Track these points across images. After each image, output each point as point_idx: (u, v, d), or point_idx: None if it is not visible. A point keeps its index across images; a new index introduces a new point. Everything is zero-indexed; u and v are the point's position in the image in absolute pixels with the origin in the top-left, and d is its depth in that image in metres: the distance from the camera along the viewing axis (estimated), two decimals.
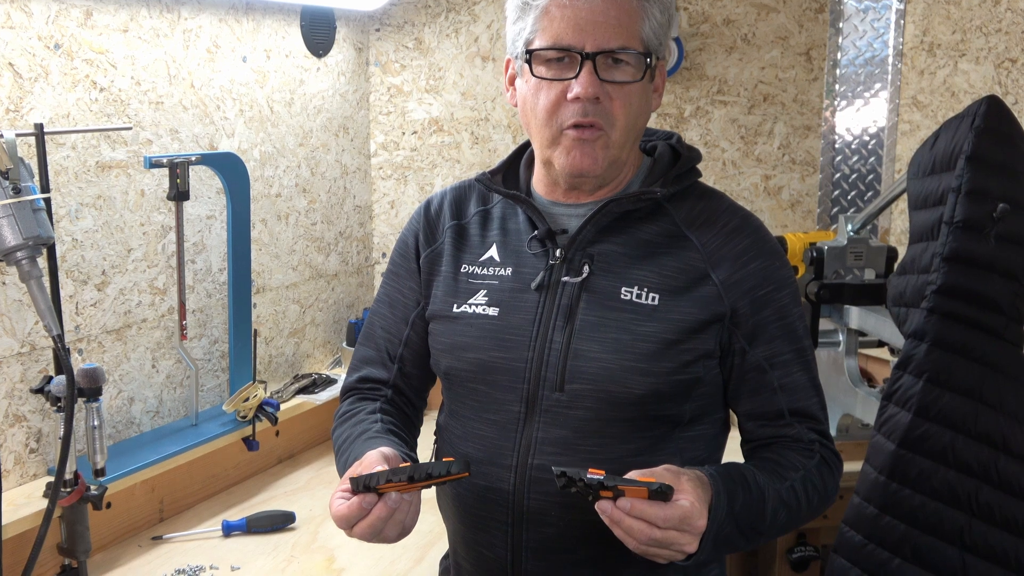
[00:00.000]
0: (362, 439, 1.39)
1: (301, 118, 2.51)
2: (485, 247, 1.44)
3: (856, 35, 2.87)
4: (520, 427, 1.35)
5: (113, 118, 1.95)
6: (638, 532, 1.14)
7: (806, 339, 1.40)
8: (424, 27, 2.75)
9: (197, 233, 2.19)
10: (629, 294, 1.34)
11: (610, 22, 1.28)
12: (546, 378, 1.33)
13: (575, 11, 1.28)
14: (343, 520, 1.21)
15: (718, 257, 1.35)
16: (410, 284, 1.50)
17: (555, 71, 1.31)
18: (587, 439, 1.33)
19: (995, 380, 1.54)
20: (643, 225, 1.38)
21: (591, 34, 1.27)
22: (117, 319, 2.00)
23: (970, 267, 1.55)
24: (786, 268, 1.40)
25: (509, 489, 1.35)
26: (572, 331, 1.33)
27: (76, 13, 1.85)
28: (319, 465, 2.36)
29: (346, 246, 2.76)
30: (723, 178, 2.93)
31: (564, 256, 1.37)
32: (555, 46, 1.29)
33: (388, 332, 1.52)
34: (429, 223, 1.50)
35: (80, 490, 1.71)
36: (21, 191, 1.57)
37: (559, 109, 1.31)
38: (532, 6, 1.31)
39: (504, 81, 1.42)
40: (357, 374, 1.54)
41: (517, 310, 1.37)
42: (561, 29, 1.28)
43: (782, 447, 1.38)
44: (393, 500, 1.20)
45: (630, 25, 1.29)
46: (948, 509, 1.54)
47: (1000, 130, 1.56)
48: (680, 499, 1.16)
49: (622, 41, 1.28)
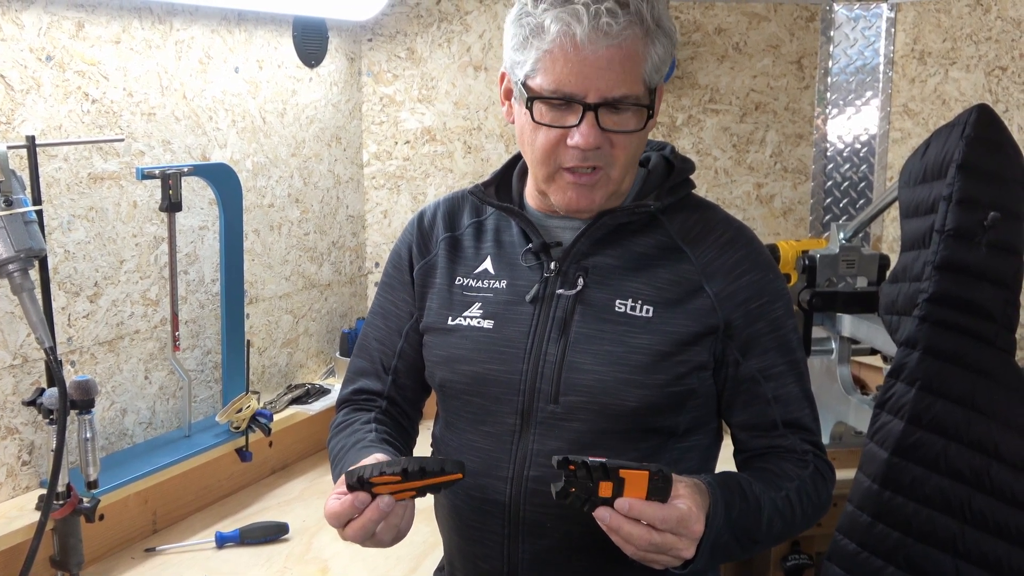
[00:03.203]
0: (356, 448, 1.38)
1: (294, 128, 2.51)
2: (479, 259, 1.44)
3: (847, 43, 2.89)
4: (516, 439, 1.35)
5: (105, 130, 1.95)
6: (637, 538, 1.14)
7: (799, 351, 1.41)
8: (416, 37, 2.76)
9: (190, 244, 2.18)
10: (623, 306, 1.34)
11: (614, 70, 1.24)
12: (541, 390, 1.34)
13: (579, 58, 1.23)
14: (334, 517, 1.20)
15: (712, 269, 1.35)
16: (403, 296, 1.50)
17: (555, 116, 1.28)
18: (582, 451, 1.31)
19: (987, 387, 1.54)
20: (637, 237, 1.38)
21: (594, 83, 1.24)
22: (109, 331, 1.99)
23: (961, 275, 1.55)
24: (779, 280, 1.40)
25: (505, 501, 1.35)
26: (567, 343, 1.33)
27: (68, 25, 1.85)
28: (313, 476, 2.35)
29: (339, 256, 2.76)
30: (715, 186, 2.94)
31: (559, 269, 1.37)
32: (556, 94, 1.25)
33: (382, 344, 1.52)
34: (423, 235, 1.50)
35: (73, 502, 1.70)
36: (13, 203, 1.57)
37: (557, 151, 1.29)
38: (534, 45, 1.26)
39: (499, 93, 1.40)
40: (352, 386, 1.54)
41: (512, 323, 1.37)
42: (563, 76, 1.24)
43: (776, 457, 1.39)
44: (386, 503, 1.19)
45: (633, 71, 1.25)
46: (941, 516, 1.54)
47: (990, 139, 1.57)
48: (678, 502, 1.16)
49: (625, 90, 1.25)
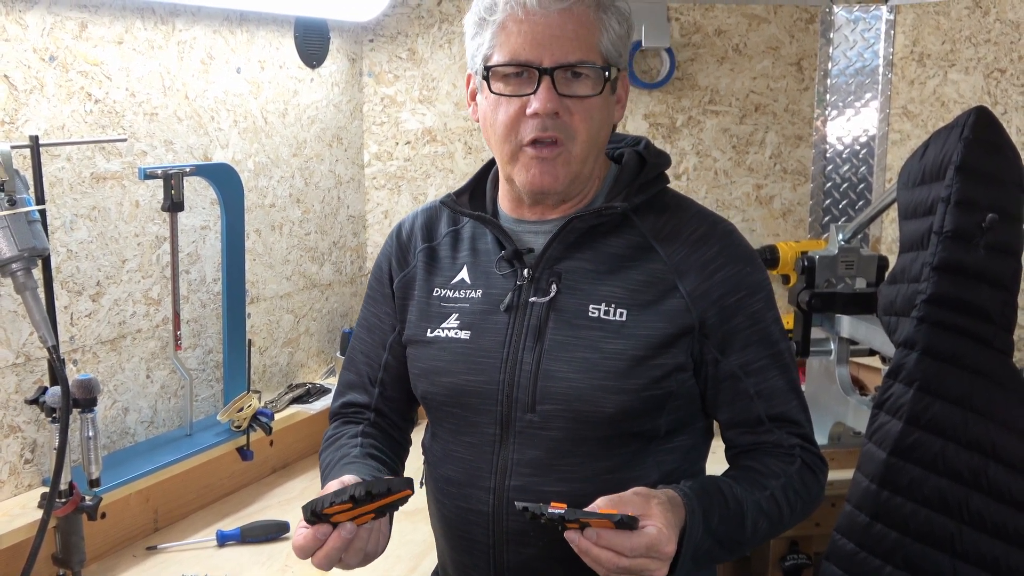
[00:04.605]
0: (341, 464, 1.39)
1: (295, 128, 2.51)
2: (456, 269, 1.43)
3: (847, 45, 2.89)
4: (496, 449, 1.35)
5: (108, 130, 1.96)
6: (606, 561, 1.14)
7: (783, 342, 1.38)
8: (417, 38, 2.77)
9: (191, 244, 2.19)
10: (597, 311, 1.32)
11: (568, 36, 1.26)
12: (518, 399, 1.33)
13: (532, 26, 1.25)
14: (300, 551, 1.21)
15: (684, 267, 1.33)
16: (385, 309, 1.50)
17: (513, 87, 1.29)
18: (562, 459, 1.32)
19: (985, 388, 1.55)
20: (610, 239, 1.36)
21: (548, 49, 1.25)
22: (112, 330, 2.00)
23: (959, 276, 1.56)
24: (758, 273, 1.37)
25: (488, 511, 1.35)
26: (541, 351, 1.32)
27: (71, 25, 1.86)
28: (313, 475, 2.36)
29: (340, 256, 2.77)
30: (715, 187, 2.95)
31: (531, 276, 1.35)
32: (512, 62, 1.27)
33: (368, 357, 1.52)
34: (401, 247, 1.49)
35: (75, 501, 1.71)
36: (16, 203, 1.58)
37: (518, 125, 1.29)
38: (489, 21, 1.29)
39: (466, 96, 1.40)
40: (341, 399, 1.55)
41: (487, 332, 1.36)
42: (518, 44, 1.26)
43: (762, 454, 1.37)
44: (348, 531, 1.19)
45: (588, 38, 1.27)
46: (939, 517, 1.55)
47: (989, 141, 1.57)
48: (647, 526, 1.14)
49: (580, 55, 1.26)
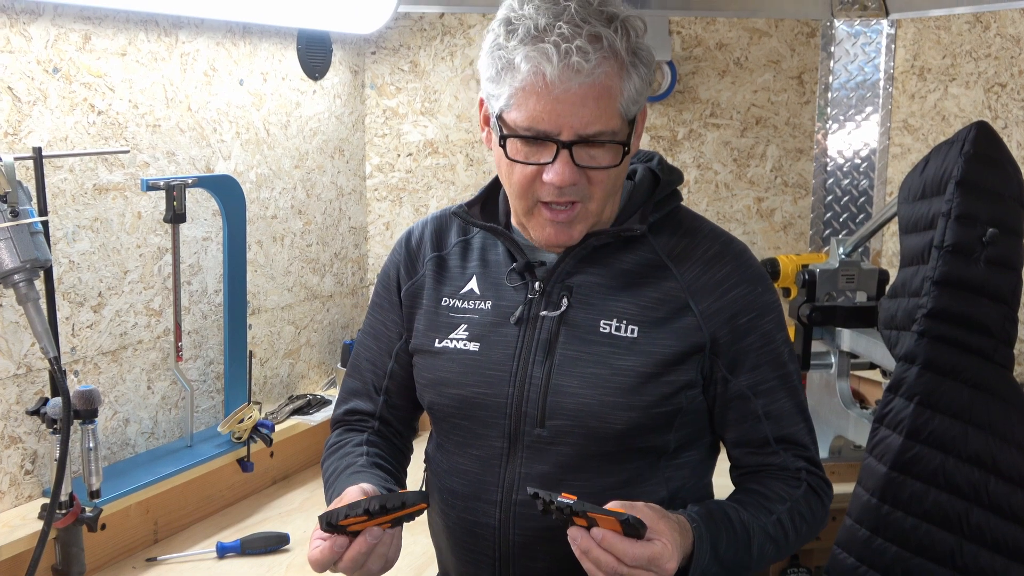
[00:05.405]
0: (347, 473, 1.38)
1: (297, 140, 2.52)
2: (465, 279, 1.42)
3: (847, 59, 2.90)
4: (503, 463, 1.34)
5: (111, 141, 1.96)
6: (605, 564, 1.13)
7: (792, 364, 1.37)
8: (419, 50, 2.78)
9: (193, 255, 2.20)
10: (608, 327, 1.31)
11: (588, 107, 1.21)
12: (527, 414, 1.32)
13: (551, 97, 1.20)
14: (317, 564, 1.21)
15: (697, 286, 1.32)
16: (392, 317, 1.49)
17: (529, 152, 1.25)
18: (570, 474, 1.32)
19: (985, 402, 1.55)
20: (622, 255, 1.35)
21: (568, 120, 1.21)
22: (113, 340, 2.00)
23: (960, 291, 1.56)
24: (769, 293, 1.37)
25: (495, 524, 1.35)
26: (551, 366, 1.32)
27: (75, 37, 1.87)
28: (313, 486, 2.36)
29: (341, 267, 2.77)
30: (716, 200, 2.95)
31: (543, 289, 1.35)
32: (530, 129, 1.23)
33: (373, 364, 1.51)
34: (410, 255, 1.48)
35: (75, 512, 1.71)
36: (19, 214, 1.59)
37: (534, 186, 1.27)
38: (507, 81, 1.23)
39: (479, 119, 1.35)
40: (345, 406, 1.54)
41: (497, 345, 1.35)
42: (537, 113, 1.21)
43: (768, 477, 1.37)
44: (374, 535, 1.20)
45: (609, 107, 1.22)
46: (939, 531, 1.55)
47: (989, 156, 1.58)
48: (654, 539, 1.14)
49: (600, 126, 1.22)
